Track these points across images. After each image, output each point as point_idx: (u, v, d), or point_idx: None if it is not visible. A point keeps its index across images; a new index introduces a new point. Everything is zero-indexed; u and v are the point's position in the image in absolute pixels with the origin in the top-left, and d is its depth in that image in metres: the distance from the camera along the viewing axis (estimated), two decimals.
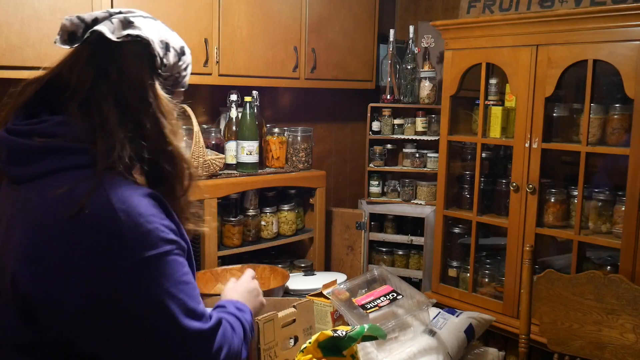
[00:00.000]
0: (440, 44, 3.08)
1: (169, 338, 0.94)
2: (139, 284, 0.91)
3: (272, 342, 1.47)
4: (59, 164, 0.96)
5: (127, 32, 1.02)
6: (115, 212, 0.91)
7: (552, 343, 2.01)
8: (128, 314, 0.91)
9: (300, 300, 1.62)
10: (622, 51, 2.14)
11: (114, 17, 1.05)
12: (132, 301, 0.91)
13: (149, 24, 1.09)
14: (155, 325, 0.93)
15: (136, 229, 0.91)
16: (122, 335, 0.92)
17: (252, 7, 2.67)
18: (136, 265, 0.91)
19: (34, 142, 0.96)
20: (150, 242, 0.93)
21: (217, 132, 2.69)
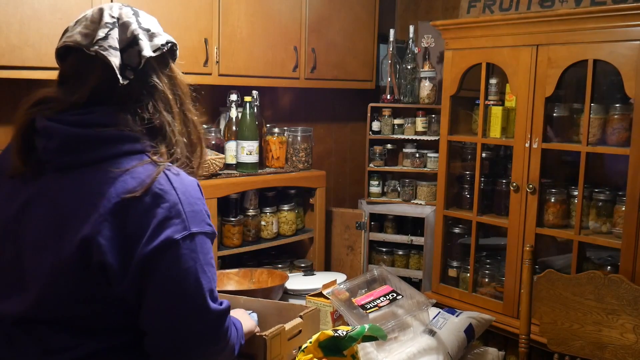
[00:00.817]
0: (440, 44, 3.08)
1: (194, 309, 1.05)
2: (183, 254, 1.03)
3: (277, 356, 1.45)
4: (114, 150, 1.07)
5: (157, 42, 1.14)
6: (175, 191, 1.06)
7: (552, 343, 2.00)
8: (168, 277, 1.03)
9: (307, 309, 1.59)
10: (622, 51, 2.14)
11: (137, 33, 1.12)
12: (174, 267, 1.03)
13: (149, 19, 1.17)
14: (184, 293, 1.04)
15: (190, 207, 1.06)
16: (158, 298, 1.04)
17: (252, 7, 2.67)
18: (184, 237, 1.04)
19: (92, 131, 1.06)
20: (197, 220, 1.07)
21: (217, 132, 2.69)
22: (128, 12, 1.15)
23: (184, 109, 1.17)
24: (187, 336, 1.05)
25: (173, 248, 1.02)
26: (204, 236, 1.08)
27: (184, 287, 1.04)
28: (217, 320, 1.08)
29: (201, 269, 1.05)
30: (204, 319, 1.06)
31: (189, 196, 1.07)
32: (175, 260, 1.03)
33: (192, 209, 1.07)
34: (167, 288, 1.03)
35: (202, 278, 1.05)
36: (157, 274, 1.03)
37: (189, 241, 1.04)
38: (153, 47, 1.12)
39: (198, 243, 1.06)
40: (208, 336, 1.08)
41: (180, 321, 1.05)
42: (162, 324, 1.05)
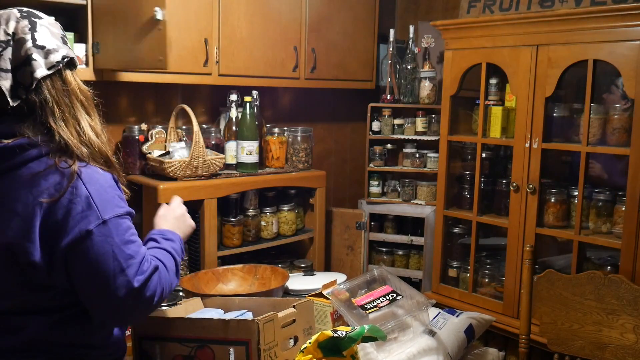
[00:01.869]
0: (440, 44, 3.08)
1: (117, 286, 1.17)
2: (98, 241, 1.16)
3: (272, 342, 1.47)
4: (22, 157, 1.15)
5: (53, 59, 1.19)
6: (85, 186, 1.17)
7: (552, 343, 2.00)
8: (89, 264, 1.16)
9: (300, 300, 1.62)
10: (622, 51, 2.13)
11: (28, 50, 1.16)
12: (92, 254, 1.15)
13: (45, 33, 1.21)
14: (106, 274, 1.16)
15: (99, 197, 1.18)
16: (85, 283, 1.18)
17: (252, 7, 2.67)
18: (98, 225, 1.16)
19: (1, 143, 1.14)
20: (109, 207, 1.19)
21: (217, 132, 2.69)
22: (24, 26, 1.18)
23: (76, 116, 1.22)
24: (118, 308, 1.19)
25: (88, 238, 1.15)
26: (117, 218, 1.20)
27: (105, 269, 1.16)
28: (142, 290, 1.19)
29: (118, 249, 1.17)
30: (130, 293, 1.17)
31: (99, 187, 1.19)
32: (92, 249, 1.15)
33: (102, 198, 1.18)
34: (91, 273, 1.16)
35: (120, 257, 1.17)
36: (79, 262, 1.16)
37: (102, 227, 1.16)
38: (48, 65, 1.18)
39: (112, 227, 1.18)
40: (138, 304, 1.20)
41: (109, 299, 1.17)
42: (95, 303, 1.20)
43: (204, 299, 1.80)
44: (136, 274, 1.19)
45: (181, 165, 2.37)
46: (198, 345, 1.47)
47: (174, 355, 1.50)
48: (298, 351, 1.37)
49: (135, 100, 2.68)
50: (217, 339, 1.46)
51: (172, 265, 1.33)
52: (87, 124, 1.25)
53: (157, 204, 2.32)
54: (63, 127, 1.19)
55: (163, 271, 1.27)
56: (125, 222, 1.22)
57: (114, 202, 1.21)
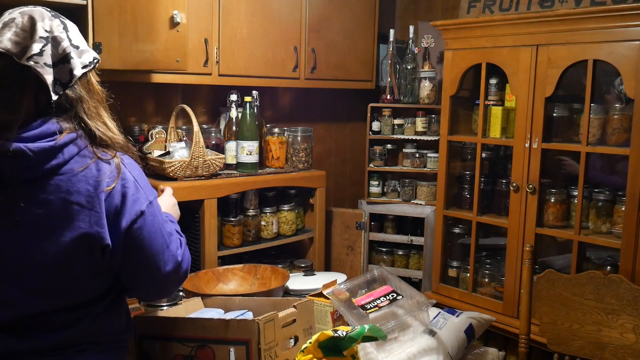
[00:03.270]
0: (440, 44, 3.08)
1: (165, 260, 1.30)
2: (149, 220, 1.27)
3: (272, 342, 1.47)
4: (70, 153, 1.20)
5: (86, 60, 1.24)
6: (131, 173, 1.27)
7: (552, 343, 2.01)
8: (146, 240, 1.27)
9: (300, 300, 1.62)
10: (622, 51, 2.14)
11: (69, 51, 1.21)
12: (147, 231, 1.27)
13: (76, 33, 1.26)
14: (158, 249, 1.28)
15: (142, 181, 1.30)
16: (139, 260, 1.28)
17: (252, 7, 2.67)
18: (147, 205, 1.27)
19: (53, 140, 1.17)
20: (150, 189, 1.31)
21: (217, 132, 2.69)
22: (58, 25, 1.22)
23: (99, 112, 1.29)
24: (166, 281, 1.31)
25: (142, 217, 1.25)
26: (155, 199, 1.32)
27: (156, 245, 1.28)
28: (182, 263, 1.33)
29: (162, 227, 1.30)
30: (175, 266, 1.31)
31: (139, 173, 1.31)
32: (145, 227, 1.26)
33: (144, 182, 1.30)
34: (145, 250, 1.26)
35: (165, 234, 1.30)
36: (136, 241, 1.25)
37: (150, 207, 1.28)
38: (82, 64, 1.23)
39: (155, 207, 1.30)
40: (180, 276, 1.34)
41: (158, 274, 1.29)
42: (144, 279, 1.30)
43: (204, 299, 1.80)
44: (177, 248, 1.32)
45: (181, 165, 2.37)
46: (198, 345, 1.47)
47: (174, 355, 1.50)
48: (298, 351, 1.37)
49: (135, 100, 2.68)
50: (217, 338, 1.46)
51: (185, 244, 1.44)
52: (108, 120, 1.31)
53: None
54: (94, 122, 1.26)
55: (185, 244, 1.39)
56: (157, 203, 1.33)
57: (149, 186, 1.33)
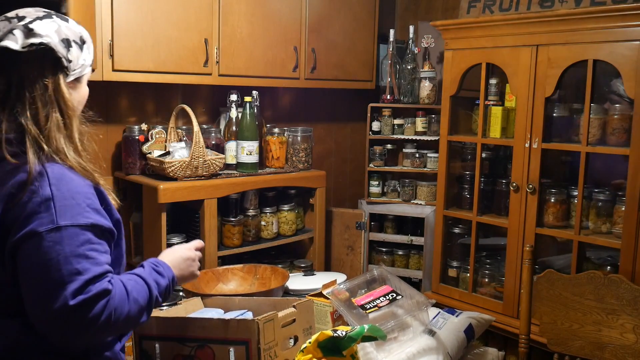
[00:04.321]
0: (440, 44, 3.08)
1: (52, 297, 1.08)
2: (45, 246, 1.09)
3: (272, 342, 1.47)
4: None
5: (31, 41, 1.18)
6: (50, 187, 1.13)
7: (552, 343, 2.01)
8: (30, 266, 1.10)
9: (300, 300, 1.62)
10: (622, 51, 2.14)
11: (16, 27, 1.19)
12: (35, 258, 1.10)
13: (48, 26, 1.22)
14: (45, 282, 1.09)
15: (63, 202, 1.13)
16: (25, 285, 1.12)
17: (252, 7, 2.67)
18: (49, 230, 1.10)
19: None
20: (70, 214, 1.12)
21: (217, 132, 2.69)
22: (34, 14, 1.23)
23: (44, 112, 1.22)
24: (53, 322, 1.09)
25: (34, 239, 1.09)
26: (77, 228, 1.12)
27: (45, 277, 1.08)
28: (80, 310, 1.08)
29: (65, 261, 1.09)
30: (64, 309, 1.07)
31: (66, 191, 1.14)
32: (35, 251, 1.09)
33: (65, 203, 1.12)
34: (32, 277, 1.10)
35: (64, 269, 1.08)
36: (22, 263, 1.11)
37: (54, 233, 1.10)
38: (22, 45, 1.18)
39: (65, 235, 1.10)
40: (75, 323, 1.09)
41: (44, 310, 1.08)
42: (33, 310, 1.11)
43: (204, 299, 1.80)
44: (77, 292, 1.08)
45: (181, 165, 2.37)
46: (198, 344, 1.47)
47: (174, 355, 1.50)
48: (298, 351, 1.37)
49: (135, 100, 2.68)
50: (217, 338, 1.46)
51: (140, 296, 1.21)
52: (59, 125, 1.22)
53: (158, 204, 2.32)
54: (31, 120, 1.19)
55: (117, 297, 1.15)
56: (85, 235, 1.14)
57: (78, 210, 1.14)
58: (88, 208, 1.16)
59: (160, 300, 1.27)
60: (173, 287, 1.34)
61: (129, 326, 1.22)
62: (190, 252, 1.44)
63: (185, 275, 1.41)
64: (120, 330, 1.21)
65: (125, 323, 1.17)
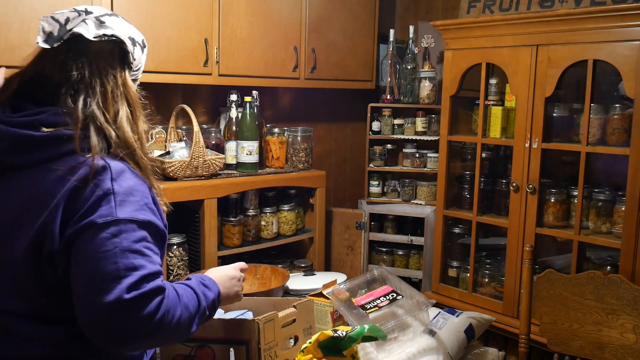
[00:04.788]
0: (440, 44, 3.08)
1: (103, 289, 1.05)
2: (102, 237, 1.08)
3: (272, 342, 1.47)
4: (61, 150, 1.15)
5: (103, 32, 1.21)
6: (112, 182, 1.13)
7: (552, 343, 2.01)
8: (85, 258, 1.08)
9: (300, 300, 1.62)
10: (622, 51, 2.14)
11: (87, 18, 1.21)
12: (91, 248, 1.07)
13: (118, 22, 1.26)
14: (97, 274, 1.06)
15: (122, 197, 1.12)
16: (77, 278, 1.09)
17: (252, 7, 2.67)
18: (108, 222, 1.09)
19: (40, 132, 1.13)
20: (129, 209, 1.12)
21: (217, 132, 2.69)
22: (103, 10, 1.28)
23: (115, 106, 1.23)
24: (103, 317, 1.05)
25: (92, 230, 1.07)
26: (135, 224, 1.11)
27: (100, 269, 1.05)
28: (134, 305, 1.05)
29: (122, 254, 1.07)
30: (118, 303, 1.04)
31: (127, 187, 1.14)
32: (93, 243, 1.07)
33: (124, 198, 1.12)
34: (86, 269, 1.07)
35: (120, 263, 1.06)
36: (77, 254, 1.08)
37: (113, 227, 1.08)
38: (93, 34, 1.21)
39: (123, 229, 1.09)
40: (127, 319, 1.05)
41: (96, 304, 1.04)
42: (82, 305, 1.07)
43: None
44: (132, 287, 1.06)
45: (181, 165, 2.37)
46: (198, 344, 1.48)
47: (174, 355, 1.50)
48: (298, 351, 1.37)
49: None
50: (217, 338, 1.46)
51: (190, 303, 1.19)
52: (127, 118, 1.23)
53: None
54: (98, 111, 1.19)
55: (171, 298, 1.13)
56: (142, 232, 1.12)
57: (137, 207, 1.13)
58: (146, 207, 1.16)
59: (207, 314, 1.25)
60: (219, 302, 1.31)
61: (179, 333, 1.17)
62: (236, 272, 1.43)
63: (230, 294, 1.38)
64: (170, 337, 1.15)
65: (176, 328, 1.13)
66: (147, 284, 1.08)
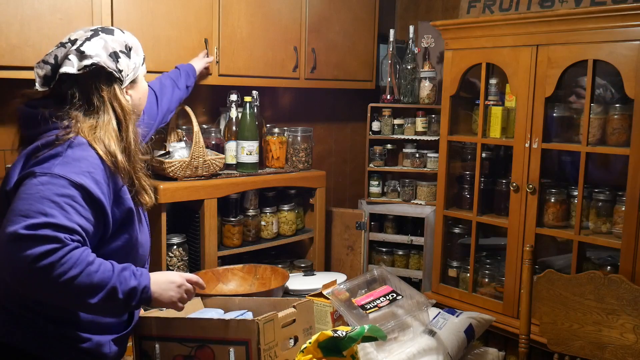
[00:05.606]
0: (440, 44, 3.08)
1: (9, 221, 1.18)
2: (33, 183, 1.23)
3: (272, 342, 1.47)
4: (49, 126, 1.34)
5: (84, 63, 1.36)
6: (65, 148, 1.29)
7: (552, 343, 2.01)
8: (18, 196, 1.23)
9: (300, 300, 1.62)
10: (622, 51, 2.14)
11: (70, 52, 1.37)
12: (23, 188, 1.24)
13: (96, 45, 1.39)
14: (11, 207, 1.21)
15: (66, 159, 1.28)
16: None
17: (252, 7, 2.67)
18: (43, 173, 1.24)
19: (36, 110, 1.35)
20: (68, 169, 1.25)
21: (217, 132, 2.69)
22: (84, 36, 1.40)
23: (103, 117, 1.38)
24: (2, 243, 1.16)
25: (30, 177, 1.24)
26: (66, 181, 1.23)
27: (16, 205, 1.20)
28: (23, 243, 1.14)
29: (39, 199, 1.19)
30: (12, 236, 1.15)
31: (77, 155, 1.28)
32: (24, 187, 1.23)
33: (69, 162, 1.26)
34: (12, 205, 1.22)
35: (33, 205, 1.18)
36: (15, 195, 1.24)
37: (44, 177, 1.22)
38: (78, 67, 1.36)
39: (53, 182, 1.22)
40: (13, 255, 1.15)
41: (1, 232, 1.18)
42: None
43: (204, 299, 1.80)
44: (31, 227, 1.15)
45: (181, 165, 2.37)
46: (198, 345, 1.48)
47: (174, 355, 1.50)
48: (298, 351, 1.37)
49: None
50: (217, 339, 1.46)
51: (98, 276, 1.22)
52: (112, 128, 1.38)
53: (157, 204, 2.32)
54: (82, 116, 1.35)
55: (73, 257, 1.18)
56: (70, 190, 1.23)
57: (77, 170, 1.26)
58: (87, 174, 1.27)
59: (121, 297, 1.26)
60: (143, 296, 1.31)
61: (70, 295, 1.21)
62: (180, 279, 1.43)
63: (163, 296, 1.38)
64: (58, 292, 1.19)
65: (65, 287, 1.18)
66: (48, 230, 1.16)
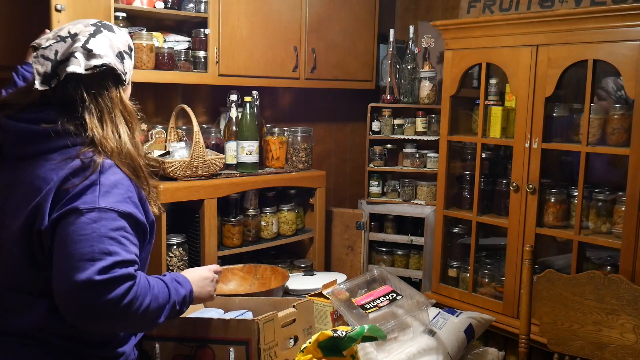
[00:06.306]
0: (440, 44, 3.08)
1: (75, 270, 1.13)
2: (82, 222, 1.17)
3: (272, 342, 1.47)
4: (57, 143, 1.26)
5: (93, 63, 1.27)
6: (99, 175, 1.23)
7: (552, 343, 2.01)
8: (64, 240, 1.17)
9: (300, 300, 1.62)
10: (622, 51, 2.14)
11: (74, 49, 1.27)
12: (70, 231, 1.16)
13: (103, 43, 1.31)
14: (72, 256, 1.14)
15: (106, 188, 1.22)
16: (57, 258, 1.18)
17: (252, 7, 2.67)
18: (90, 209, 1.18)
19: (40, 127, 1.26)
20: (111, 200, 1.21)
21: (217, 132, 2.69)
22: (87, 31, 1.31)
23: (115, 121, 1.32)
24: (73, 296, 1.13)
25: (75, 214, 1.17)
26: (115, 213, 1.20)
27: (76, 250, 1.14)
28: (103, 288, 1.13)
29: (99, 239, 1.15)
30: (88, 284, 1.12)
31: (113, 180, 1.23)
32: (73, 226, 1.16)
33: (109, 190, 1.22)
34: (64, 250, 1.15)
35: (96, 247, 1.14)
36: (58, 235, 1.18)
37: (94, 213, 1.17)
38: (86, 66, 1.27)
39: (104, 217, 1.18)
40: (95, 300, 1.13)
41: (68, 282, 1.12)
42: (57, 283, 1.15)
43: None
44: (104, 270, 1.13)
45: (181, 165, 2.37)
46: (198, 345, 1.48)
47: (174, 355, 1.50)
48: (298, 351, 1.37)
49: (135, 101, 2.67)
50: (217, 338, 1.46)
51: (161, 295, 1.26)
52: (125, 132, 1.33)
53: None
54: (97, 124, 1.28)
55: (141, 286, 1.20)
56: (121, 221, 1.21)
57: (119, 199, 1.22)
58: (128, 200, 1.24)
59: (177, 309, 1.31)
60: (191, 300, 1.37)
61: (146, 321, 1.24)
62: (210, 273, 1.48)
63: (203, 293, 1.43)
64: (136, 323, 1.23)
65: (143, 316, 1.20)
66: (119, 269, 1.15)
